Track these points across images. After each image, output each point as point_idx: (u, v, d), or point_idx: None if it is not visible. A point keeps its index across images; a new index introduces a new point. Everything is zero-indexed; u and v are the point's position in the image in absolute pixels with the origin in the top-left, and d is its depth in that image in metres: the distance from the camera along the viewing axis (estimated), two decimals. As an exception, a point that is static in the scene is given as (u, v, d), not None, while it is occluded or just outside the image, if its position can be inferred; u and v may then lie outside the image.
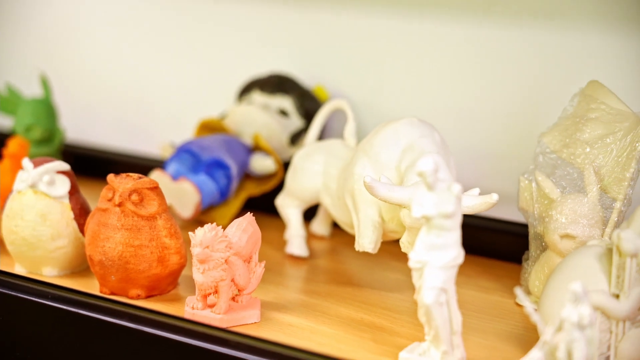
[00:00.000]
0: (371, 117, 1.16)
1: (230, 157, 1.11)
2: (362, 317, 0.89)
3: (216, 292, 0.84)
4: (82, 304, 0.82)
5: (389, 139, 0.91)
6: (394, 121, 0.92)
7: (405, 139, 0.90)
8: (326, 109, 1.09)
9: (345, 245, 1.09)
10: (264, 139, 1.14)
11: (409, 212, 0.81)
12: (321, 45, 1.20)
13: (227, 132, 1.15)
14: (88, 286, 0.92)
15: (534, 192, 0.93)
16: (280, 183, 1.12)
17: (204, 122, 1.16)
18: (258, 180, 1.16)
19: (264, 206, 1.15)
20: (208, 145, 1.11)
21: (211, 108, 1.27)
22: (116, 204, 0.89)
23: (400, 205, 0.83)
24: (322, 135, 1.15)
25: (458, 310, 0.75)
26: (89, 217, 0.91)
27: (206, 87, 1.29)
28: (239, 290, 0.86)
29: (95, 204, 0.92)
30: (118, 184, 0.90)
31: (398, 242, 0.88)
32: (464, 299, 0.89)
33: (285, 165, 1.13)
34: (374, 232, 0.90)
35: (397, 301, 0.93)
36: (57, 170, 0.95)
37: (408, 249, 0.85)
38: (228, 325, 0.84)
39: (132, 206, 0.89)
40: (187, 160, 1.10)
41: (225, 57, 1.28)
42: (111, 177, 0.90)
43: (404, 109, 1.14)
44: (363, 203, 0.91)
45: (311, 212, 1.12)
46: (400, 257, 0.94)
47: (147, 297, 0.91)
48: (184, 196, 1.08)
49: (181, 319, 0.79)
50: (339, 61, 1.19)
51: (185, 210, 1.08)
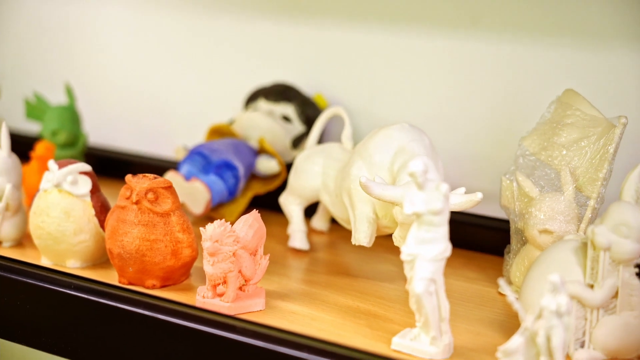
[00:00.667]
0: (366, 123, 1.15)
1: (237, 159, 1.10)
2: (358, 305, 0.88)
3: (225, 283, 0.84)
4: (102, 294, 0.81)
5: (383, 143, 0.90)
6: (387, 126, 0.92)
7: (397, 143, 0.89)
8: (325, 116, 1.09)
9: (342, 239, 1.09)
10: (269, 143, 1.14)
11: (401, 209, 0.81)
12: (321, 58, 1.19)
13: (235, 136, 1.15)
14: (108, 277, 0.92)
15: (515, 191, 0.93)
16: (283, 183, 1.12)
17: (214, 127, 1.16)
18: (263, 180, 1.15)
19: (269, 204, 1.14)
20: (217, 148, 1.11)
21: (221, 114, 1.27)
22: (134, 202, 0.88)
23: (393, 203, 0.83)
24: (322, 139, 1.14)
25: (446, 299, 0.75)
26: (109, 214, 0.91)
27: (216, 96, 1.29)
28: (246, 280, 0.85)
29: (114, 202, 0.92)
30: (135, 184, 0.89)
31: (391, 237, 0.88)
32: (451, 289, 0.88)
33: (288, 166, 1.12)
34: (369, 228, 0.90)
35: (390, 290, 0.92)
36: (80, 171, 0.95)
37: (400, 243, 0.84)
38: (235, 312, 0.83)
39: (148, 204, 0.88)
40: (199, 161, 1.10)
41: (233, 69, 1.27)
42: (129, 177, 0.90)
43: (396, 115, 1.13)
44: (359, 201, 0.90)
45: (311, 209, 1.12)
46: (393, 250, 0.94)
47: (162, 287, 0.90)
48: (196, 195, 1.07)
49: (193, 307, 0.78)
50: (337, 72, 1.19)
51: (196, 207, 1.08)
